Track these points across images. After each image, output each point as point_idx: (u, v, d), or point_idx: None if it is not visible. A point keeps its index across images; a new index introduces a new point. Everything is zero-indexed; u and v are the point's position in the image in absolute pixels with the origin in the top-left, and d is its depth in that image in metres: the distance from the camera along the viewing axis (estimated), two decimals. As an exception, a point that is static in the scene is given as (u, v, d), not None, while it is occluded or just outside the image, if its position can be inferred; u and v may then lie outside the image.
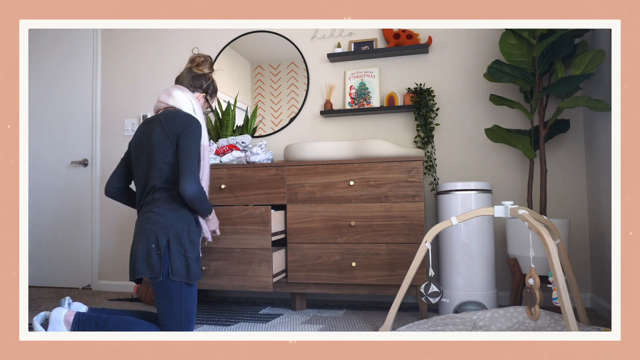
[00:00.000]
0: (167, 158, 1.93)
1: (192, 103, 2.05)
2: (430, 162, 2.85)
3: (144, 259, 1.84)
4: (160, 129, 1.95)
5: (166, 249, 1.84)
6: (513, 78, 2.43)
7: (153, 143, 1.94)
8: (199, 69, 2.16)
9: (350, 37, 3.08)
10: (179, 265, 1.85)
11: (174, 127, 1.93)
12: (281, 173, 2.60)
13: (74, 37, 3.62)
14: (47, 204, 3.60)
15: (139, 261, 1.84)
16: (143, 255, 1.84)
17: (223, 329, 2.29)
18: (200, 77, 2.15)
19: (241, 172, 2.66)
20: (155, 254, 1.83)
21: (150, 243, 1.84)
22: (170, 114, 1.99)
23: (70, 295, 3.25)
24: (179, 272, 1.85)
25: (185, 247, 1.88)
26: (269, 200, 2.61)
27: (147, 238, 1.85)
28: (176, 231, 1.87)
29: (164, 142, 1.93)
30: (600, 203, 2.46)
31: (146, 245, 1.85)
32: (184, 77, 2.14)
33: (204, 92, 2.17)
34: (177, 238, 1.87)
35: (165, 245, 1.84)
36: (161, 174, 1.92)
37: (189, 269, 1.87)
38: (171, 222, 1.87)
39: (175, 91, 2.05)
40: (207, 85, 2.16)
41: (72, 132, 3.58)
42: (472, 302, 2.41)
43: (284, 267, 2.61)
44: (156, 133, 1.95)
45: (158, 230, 1.85)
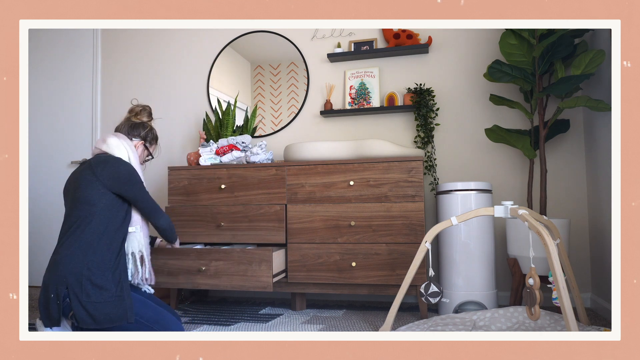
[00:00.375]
0: (89, 198, 1.86)
1: (126, 150, 2.02)
2: (430, 162, 2.85)
3: (44, 308, 1.77)
4: (89, 170, 1.90)
5: (66, 296, 1.75)
6: (513, 78, 2.43)
7: (78, 184, 1.89)
8: (137, 118, 2.19)
9: (350, 37, 3.08)
10: (81, 312, 1.73)
11: (105, 171, 1.89)
12: (281, 173, 2.61)
13: (73, 37, 3.62)
14: (47, 204, 3.60)
15: (41, 309, 1.77)
16: (43, 303, 1.77)
17: (223, 329, 2.29)
18: (138, 125, 2.16)
19: (241, 172, 2.66)
20: (55, 303, 1.74)
21: (50, 292, 1.76)
22: (101, 157, 1.96)
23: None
24: (82, 319, 1.73)
25: (88, 292, 1.75)
26: (268, 200, 2.61)
27: (47, 287, 1.77)
28: (74, 277, 1.76)
29: (89, 183, 1.87)
30: (600, 203, 2.46)
31: (45, 294, 1.77)
32: (122, 126, 2.16)
33: (142, 140, 2.16)
34: (76, 284, 1.75)
35: (64, 295, 1.75)
36: (78, 213, 1.85)
37: (94, 315, 1.74)
38: (68, 268, 1.77)
39: (110, 138, 2.03)
40: (145, 133, 2.17)
41: (72, 132, 3.58)
42: (472, 302, 2.41)
43: (284, 267, 2.61)
44: (83, 174, 1.90)
45: (57, 279, 1.76)
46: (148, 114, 2.24)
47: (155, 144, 2.25)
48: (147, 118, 2.23)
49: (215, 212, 2.64)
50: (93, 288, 1.76)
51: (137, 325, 1.82)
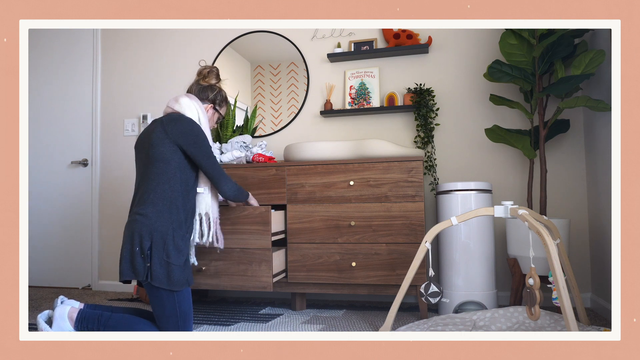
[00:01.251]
0: (163, 155, 1.94)
1: (197, 111, 2.09)
2: (430, 162, 2.85)
3: (128, 261, 1.83)
4: (161, 128, 1.97)
5: (149, 252, 1.82)
6: (513, 78, 2.43)
7: (152, 141, 1.96)
8: (206, 81, 2.22)
9: (350, 37, 3.08)
10: (160, 271, 1.82)
11: (175, 128, 1.96)
12: (281, 173, 2.60)
13: (73, 37, 3.62)
14: (47, 204, 3.60)
15: (123, 263, 1.83)
16: (127, 257, 1.83)
17: (223, 329, 2.29)
18: (207, 88, 2.20)
19: (242, 172, 2.66)
20: (139, 257, 1.81)
21: (134, 246, 1.82)
22: (173, 116, 2.02)
23: (70, 295, 3.25)
24: (158, 278, 1.81)
25: (168, 252, 1.84)
26: (269, 200, 2.61)
27: (132, 240, 1.83)
28: (160, 235, 1.84)
29: (161, 140, 1.95)
30: (600, 203, 2.46)
31: (130, 248, 1.83)
32: (192, 89, 2.21)
33: (212, 103, 2.21)
34: (160, 242, 1.83)
35: (148, 249, 1.82)
36: (155, 170, 1.93)
37: (170, 275, 1.83)
38: (155, 225, 1.84)
39: (182, 98, 2.10)
40: (213, 96, 2.21)
41: (72, 132, 3.58)
42: (472, 302, 2.41)
43: (284, 267, 2.61)
44: (156, 132, 1.98)
45: (143, 233, 1.83)
46: (216, 76, 2.25)
47: (226, 104, 2.28)
48: (215, 80, 2.24)
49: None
50: (174, 249, 1.85)
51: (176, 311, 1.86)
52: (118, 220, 3.45)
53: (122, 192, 3.46)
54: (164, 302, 1.84)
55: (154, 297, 1.84)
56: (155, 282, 1.80)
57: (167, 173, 1.92)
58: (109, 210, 3.47)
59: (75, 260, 3.52)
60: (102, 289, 3.44)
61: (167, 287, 1.82)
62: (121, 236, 3.43)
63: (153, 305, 1.86)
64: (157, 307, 1.85)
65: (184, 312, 1.88)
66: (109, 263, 3.46)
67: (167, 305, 1.84)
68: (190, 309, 1.92)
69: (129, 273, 1.82)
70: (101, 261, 3.47)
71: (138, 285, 2.97)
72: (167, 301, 1.84)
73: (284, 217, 2.62)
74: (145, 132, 2.07)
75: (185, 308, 1.89)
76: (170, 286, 1.83)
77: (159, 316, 1.86)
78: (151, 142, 1.96)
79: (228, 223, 2.45)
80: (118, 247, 3.44)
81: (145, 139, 2.03)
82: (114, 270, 3.44)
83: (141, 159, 2.02)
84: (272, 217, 2.42)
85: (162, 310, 1.84)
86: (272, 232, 2.41)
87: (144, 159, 2.00)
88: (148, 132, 2.03)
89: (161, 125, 1.99)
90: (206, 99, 2.19)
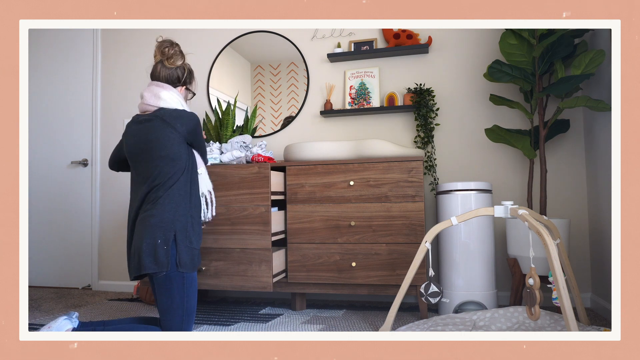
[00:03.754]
0: (172, 154, 1.97)
1: (179, 100, 2.10)
2: (430, 162, 2.85)
3: (150, 255, 1.86)
4: (169, 128, 1.99)
5: (173, 243, 1.89)
6: (513, 78, 2.43)
7: (162, 142, 1.97)
8: (172, 64, 2.11)
9: (350, 37, 3.08)
10: (186, 257, 1.91)
11: (183, 125, 2.01)
12: (264, 171, 2.44)
13: (73, 37, 3.62)
14: (47, 204, 3.60)
15: (145, 257, 1.85)
16: (149, 251, 1.86)
17: (223, 329, 2.29)
18: (176, 70, 2.13)
19: (219, 170, 2.49)
20: (162, 248, 1.87)
21: (156, 239, 1.87)
22: (172, 112, 2.03)
23: (70, 295, 3.25)
24: (185, 263, 1.90)
25: (191, 239, 1.95)
26: (250, 201, 2.45)
27: (153, 234, 1.87)
28: (182, 225, 1.93)
29: (174, 140, 1.99)
30: (600, 203, 2.46)
31: (152, 241, 1.86)
32: (160, 75, 2.11)
33: (183, 85, 2.17)
34: (183, 231, 1.92)
35: (172, 240, 1.89)
36: (166, 169, 1.96)
37: (193, 259, 1.95)
38: (176, 217, 1.92)
39: (162, 92, 2.06)
40: (184, 77, 2.15)
41: (72, 132, 3.58)
42: (472, 302, 2.41)
43: (284, 267, 2.61)
44: (161, 131, 1.98)
45: (165, 226, 1.89)
46: (181, 55, 2.15)
47: (194, 79, 2.25)
48: (181, 60, 2.15)
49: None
50: (194, 235, 1.97)
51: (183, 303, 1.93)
52: (118, 220, 3.45)
53: (122, 192, 3.46)
54: (175, 294, 1.89)
55: (165, 289, 1.88)
56: (183, 267, 1.89)
57: (179, 168, 1.98)
58: (109, 210, 3.47)
59: (75, 260, 3.52)
60: (102, 289, 3.44)
61: (190, 270, 1.93)
62: (122, 235, 3.43)
63: (162, 298, 1.90)
64: (166, 300, 1.89)
65: (190, 307, 1.94)
66: (109, 263, 3.45)
67: (177, 297, 1.90)
68: (195, 307, 1.97)
69: (152, 266, 1.86)
70: (101, 261, 3.47)
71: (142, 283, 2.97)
72: (177, 293, 1.90)
73: (284, 217, 2.62)
74: (142, 131, 2.01)
75: (192, 304, 1.95)
76: (194, 269, 1.95)
77: (166, 308, 1.89)
78: (163, 143, 1.97)
79: (228, 223, 2.45)
80: (118, 247, 3.44)
81: (148, 140, 1.99)
82: (114, 270, 3.44)
83: (144, 158, 2.00)
84: (272, 217, 2.42)
85: (172, 302, 1.89)
86: (272, 232, 2.41)
87: (150, 159, 1.98)
88: (150, 133, 1.99)
89: (169, 126, 1.99)
90: (177, 81, 2.14)
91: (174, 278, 1.88)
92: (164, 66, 2.11)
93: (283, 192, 2.62)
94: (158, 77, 2.12)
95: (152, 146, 1.98)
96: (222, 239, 2.46)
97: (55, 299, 3.12)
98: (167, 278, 1.87)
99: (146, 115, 2.06)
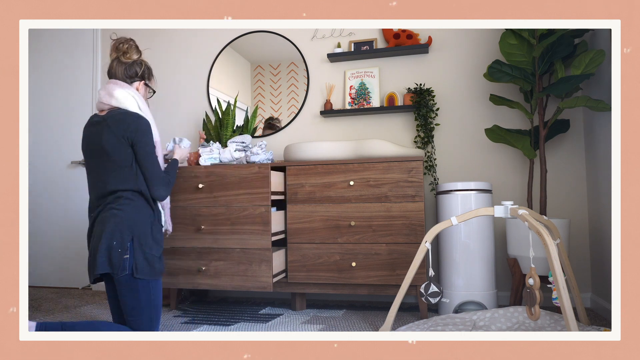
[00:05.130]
0: (123, 162, 1.90)
1: (135, 99, 2.00)
2: (430, 162, 2.85)
3: (104, 256, 1.82)
4: (111, 133, 1.90)
5: (130, 247, 1.84)
6: (513, 78, 2.43)
7: (106, 148, 1.90)
8: (127, 58, 2.04)
9: (350, 37, 3.08)
10: (143, 263, 1.87)
11: (124, 129, 1.90)
12: (264, 171, 2.47)
13: (74, 37, 3.62)
14: (47, 204, 3.60)
15: (99, 257, 1.81)
16: (103, 252, 1.82)
17: (223, 329, 2.29)
18: (132, 66, 2.05)
19: (220, 170, 2.53)
20: (116, 251, 1.82)
21: (112, 241, 1.82)
22: (117, 115, 1.94)
23: (70, 295, 3.25)
24: (142, 270, 1.86)
25: (150, 245, 1.90)
26: (250, 201, 2.48)
27: (111, 235, 1.82)
28: (140, 230, 1.88)
29: (116, 147, 1.89)
30: (600, 203, 2.46)
31: (107, 243, 1.82)
32: (117, 72, 2.03)
33: (141, 80, 2.09)
34: (141, 237, 1.87)
35: (129, 244, 1.84)
36: (121, 176, 1.90)
37: (152, 266, 1.89)
38: (135, 222, 1.87)
39: (115, 90, 1.98)
40: (142, 72, 2.08)
41: (72, 132, 3.58)
42: (472, 302, 2.41)
43: (284, 267, 2.61)
44: (107, 137, 1.90)
45: (122, 229, 1.84)
46: (136, 50, 2.08)
47: (153, 76, 2.16)
48: (137, 55, 2.07)
49: (194, 213, 2.56)
50: (154, 242, 1.93)
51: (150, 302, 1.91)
52: (118, 220, 3.45)
53: (122, 192, 3.45)
54: (140, 294, 1.87)
55: (129, 290, 1.86)
56: (140, 274, 1.85)
57: (135, 173, 1.92)
58: (109, 210, 3.47)
59: (75, 260, 3.52)
60: (102, 289, 3.44)
61: (149, 277, 1.88)
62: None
63: (126, 299, 1.87)
64: (131, 300, 1.86)
65: (157, 306, 1.93)
66: (109, 263, 3.45)
67: (143, 297, 1.87)
68: (161, 305, 1.96)
69: (105, 267, 1.82)
70: (101, 261, 3.47)
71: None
72: (142, 293, 1.87)
73: (284, 217, 2.62)
74: (92, 135, 1.96)
75: (158, 302, 1.93)
76: (153, 276, 1.89)
77: (133, 308, 1.87)
78: (107, 151, 1.90)
79: (228, 223, 2.45)
80: (118, 247, 3.43)
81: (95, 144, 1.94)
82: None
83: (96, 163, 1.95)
84: (272, 217, 2.42)
85: (138, 302, 1.86)
86: (272, 232, 2.41)
87: (100, 165, 1.93)
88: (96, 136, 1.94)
89: (108, 129, 1.91)
90: (135, 76, 2.05)
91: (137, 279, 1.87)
92: (120, 62, 2.03)
93: (283, 192, 2.62)
94: (115, 74, 2.04)
95: (104, 152, 1.92)
96: (222, 238, 2.46)
97: (55, 299, 3.12)
98: (129, 279, 1.85)
99: (99, 116, 1.98)
